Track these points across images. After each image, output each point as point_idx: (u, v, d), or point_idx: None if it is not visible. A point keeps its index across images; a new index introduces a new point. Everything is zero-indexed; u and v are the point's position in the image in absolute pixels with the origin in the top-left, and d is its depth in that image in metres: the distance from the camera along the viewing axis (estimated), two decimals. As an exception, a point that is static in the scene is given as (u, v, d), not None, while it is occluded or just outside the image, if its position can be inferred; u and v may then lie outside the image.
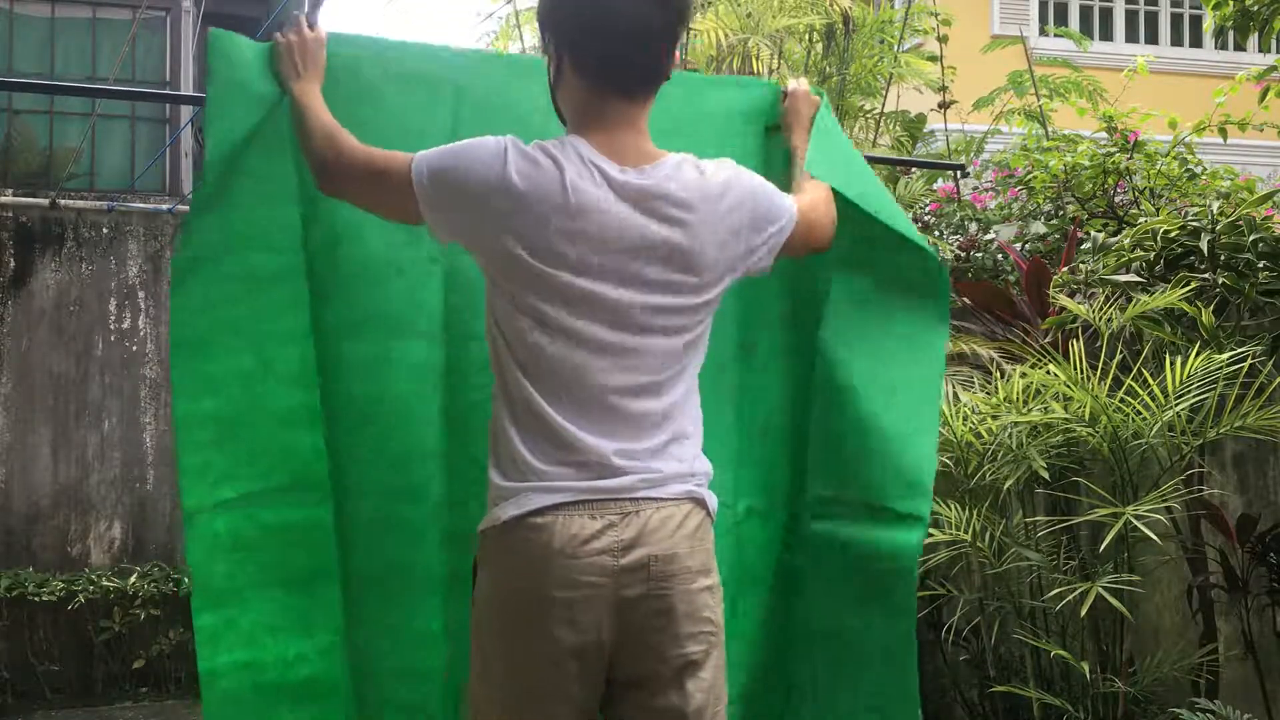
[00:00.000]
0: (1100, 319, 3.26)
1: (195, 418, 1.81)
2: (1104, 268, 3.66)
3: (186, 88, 6.65)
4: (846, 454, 2.21)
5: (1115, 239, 3.87)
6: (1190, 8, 11.42)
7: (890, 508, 2.14)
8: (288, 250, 1.94)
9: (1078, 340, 3.26)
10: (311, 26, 2.00)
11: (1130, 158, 4.47)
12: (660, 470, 1.79)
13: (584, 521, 1.73)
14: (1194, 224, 3.55)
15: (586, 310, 1.77)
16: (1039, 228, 4.58)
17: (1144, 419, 3.01)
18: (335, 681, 1.96)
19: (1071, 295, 3.58)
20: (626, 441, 1.78)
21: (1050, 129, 6.18)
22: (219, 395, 1.83)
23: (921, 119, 6.19)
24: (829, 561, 2.24)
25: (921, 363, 2.22)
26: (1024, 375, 3.26)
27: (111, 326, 5.98)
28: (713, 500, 1.87)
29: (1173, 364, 3.01)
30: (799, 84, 2.35)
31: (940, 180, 5.62)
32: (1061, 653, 3.14)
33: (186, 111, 6.53)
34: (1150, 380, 3.00)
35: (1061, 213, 4.65)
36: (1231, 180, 4.59)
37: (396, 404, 2.05)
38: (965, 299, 4.04)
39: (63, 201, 5.94)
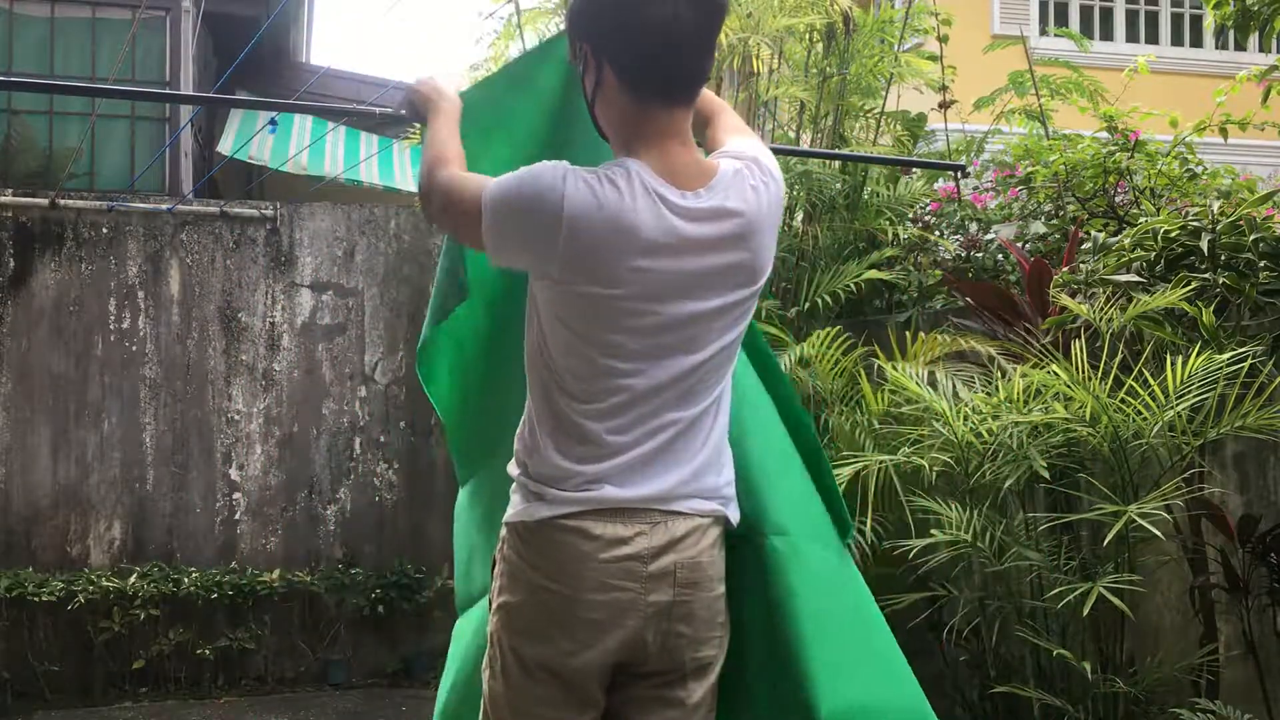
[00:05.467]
0: (1101, 319, 3.26)
1: (448, 419, 2.45)
2: (1104, 268, 3.66)
3: (186, 88, 6.65)
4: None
5: (1116, 239, 3.87)
6: (1190, 7, 11.42)
7: None
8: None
9: (1079, 340, 3.26)
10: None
11: (1131, 157, 4.47)
12: (691, 484, 1.80)
13: (616, 528, 1.75)
14: (1194, 224, 3.54)
15: (639, 332, 1.75)
16: (1039, 228, 4.58)
17: (1144, 419, 3.01)
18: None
19: (1072, 295, 3.58)
20: (662, 454, 1.78)
21: (1051, 129, 6.17)
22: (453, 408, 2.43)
23: (922, 119, 6.18)
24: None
25: None
26: (1025, 375, 3.25)
27: (111, 326, 5.97)
28: (735, 514, 1.88)
29: (1173, 364, 3.01)
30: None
31: (941, 180, 5.61)
32: (1062, 652, 3.14)
33: (186, 111, 6.53)
34: (1151, 380, 3.00)
35: (1062, 212, 4.64)
36: (1232, 180, 4.59)
37: None
38: (966, 298, 4.03)
39: (63, 201, 5.94)
